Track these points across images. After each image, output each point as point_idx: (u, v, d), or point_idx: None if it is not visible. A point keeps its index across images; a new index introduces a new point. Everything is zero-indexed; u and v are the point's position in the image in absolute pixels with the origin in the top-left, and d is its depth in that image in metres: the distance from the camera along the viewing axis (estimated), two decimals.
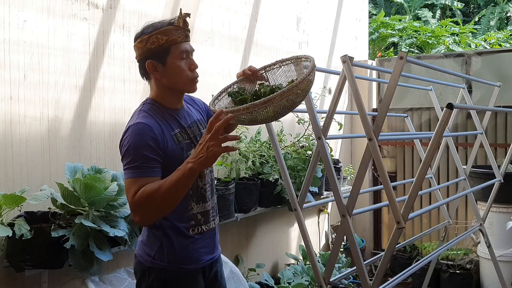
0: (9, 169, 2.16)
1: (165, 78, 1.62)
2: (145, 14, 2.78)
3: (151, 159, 1.52)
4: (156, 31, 1.58)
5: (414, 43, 9.31)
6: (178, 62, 1.60)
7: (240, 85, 1.72)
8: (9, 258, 2.03)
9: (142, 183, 1.48)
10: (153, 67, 1.60)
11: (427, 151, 1.64)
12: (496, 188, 3.06)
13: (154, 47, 1.58)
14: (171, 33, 1.58)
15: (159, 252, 1.63)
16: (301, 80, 1.44)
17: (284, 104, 1.45)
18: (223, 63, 3.37)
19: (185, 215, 1.65)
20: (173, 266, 1.64)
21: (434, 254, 2.68)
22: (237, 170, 3.19)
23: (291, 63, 1.69)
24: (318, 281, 1.99)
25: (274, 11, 3.85)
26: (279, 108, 1.44)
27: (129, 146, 1.52)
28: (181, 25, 1.60)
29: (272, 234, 3.83)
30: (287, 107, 1.47)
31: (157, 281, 1.63)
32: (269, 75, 1.72)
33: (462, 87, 3.11)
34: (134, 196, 1.47)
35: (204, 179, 1.70)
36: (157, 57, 1.59)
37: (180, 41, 1.60)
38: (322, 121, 1.92)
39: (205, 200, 1.71)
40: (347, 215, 1.81)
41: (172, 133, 1.62)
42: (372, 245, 4.98)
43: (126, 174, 1.53)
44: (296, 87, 1.43)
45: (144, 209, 1.47)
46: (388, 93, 1.70)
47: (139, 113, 1.62)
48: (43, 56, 2.29)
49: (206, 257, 1.72)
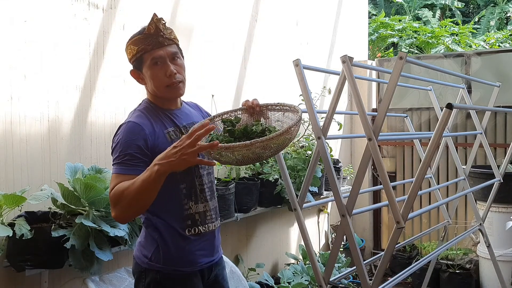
0: (9, 169, 2.17)
1: (147, 85, 1.66)
2: (145, 14, 2.78)
3: (136, 157, 1.53)
4: (129, 42, 1.63)
5: (414, 43, 9.31)
6: (151, 71, 1.61)
7: (237, 114, 1.73)
8: (10, 258, 2.03)
9: (122, 180, 1.49)
10: (136, 75, 1.67)
11: (426, 151, 1.65)
12: (495, 188, 3.07)
13: (130, 57, 1.65)
14: (140, 42, 1.60)
15: (155, 254, 1.63)
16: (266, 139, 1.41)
17: (249, 155, 1.43)
18: (223, 63, 3.37)
19: (181, 214, 1.64)
20: (169, 268, 1.63)
21: (434, 254, 2.68)
22: (237, 170, 3.20)
23: (289, 111, 1.68)
24: (318, 280, 1.99)
25: (274, 11, 3.85)
26: (241, 157, 1.43)
27: (118, 143, 1.56)
28: (151, 32, 1.60)
29: (272, 234, 3.83)
30: (251, 158, 1.45)
31: (153, 283, 1.63)
32: (269, 115, 1.73)
33: (461, 87, 3.11)
34: (111, 191, 1.50)
35: (201, 179, 1.69)
36: (135, 66, 1.66)
37: (150, 49, 1.60)
38: (322, 121, 1.93)
39: (203, 201, 1.69)
40: (347, 215, 1.81)
41: (165, 131, 1.63)
42: (371, 245, 4.98)
43: (112, 170, 1.56)
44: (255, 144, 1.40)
45: (117, 205, 1.47)
46: (388, 93, 1.70)
47: (134, 112, 1.65)
48: (43, 56, 2.29)
49: (204, 260, 1.69)
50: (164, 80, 1.61)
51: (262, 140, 1.40)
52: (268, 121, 1.72)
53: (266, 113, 1.72)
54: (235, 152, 1.41)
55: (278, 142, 1.45)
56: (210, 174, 1.76)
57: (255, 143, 1.40)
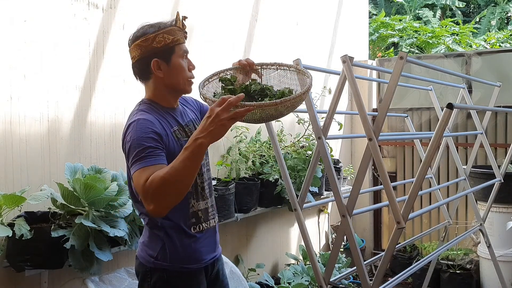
0: (9, 169, 2.16)
1: (168, 76, 1.64)
2: (145, 14, 2.78)
3: (155, 148, 1.51)
4: (162, 31, 1.61)
5: (414, 43, 9.31)
6: (181, 61, 1.65)
7: (233, 73, 1.73)
8: (9, 258, 2.02)
9: (150, 172, 1.44)
10: (158, 66, 1.62)
11: (427, 151, 1.64)
12: (496, 188, 3.06)
13: (161, 45, 1.61)
14: (175, 33, 1.63)
15: (161, 253, 1.63)
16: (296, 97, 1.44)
17: (272, 113, 1.45)
18: (223, 63, 3.36)
19: (186, 212, 1.65)
20: (175, 266, 1.63)
21: (434, 254, 2.68)
22: (237, 170, 3.19)
23: (288, 70, 1.69)
24: (318, 281, 1.98)
25: (274, 11, 3.85)
26: (265, 115, 1.45)
27: (132, 142, 1.52)
28: (181, 27, 1.66)
29: (272, 234, 3.83)
30: (273, 115, 1.48)
31: (160, 281, 1.63)
32: (264, 73, 1.73)
33: (462, 87, 3.11)
34: (145, 184, 1.42)
35: (202, 176, 1.71)
36: (163, 56, 1.62)
37: (182, 41, 1.66)
38: (322, 121, 1.92)
39: (204, 198, 1.71)
40: (347, 215, 1.80)
41: (171, 130, 1.63)
42: (372, 245, 4.98)
43: (133, 169, 1.49)
44: (289, 101, 1.43)
45: (157, 195, 1.41)
46: (388, 93, 1.70)
47: (137, 112, 1.62)
48: (43, 56, 2.29)
49: (208, 256, 1.72)
50: (187, 73, 1.67)
51: (290, 98, 1.43)
52: (261, 80, 1.73)
53: (260, 72, 1.73)
54: (266, 110, 1.43)
55: (298, 100, 1.48)
56: (209, 170, 1.77)
57: (285, 101, 1.42)
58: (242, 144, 3.28)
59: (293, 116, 3.73)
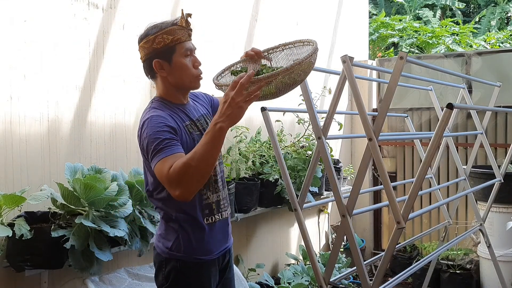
0: (9, 169, 2.16)
1: (171, 76, 1.68)
2: (145, 14, 2.78)
3: (171, 139, 1.56)
4: (162, 31, 1.65)
5: (414, 43, 9.31)
6: (183, 60, 1.67)
7: (243, 65, 1.76)
8: (9, 258, 2.02)
9: (171, 161, 1.49)
10: (160, 66, 1.67)
11: (427, 151, 1.64)
12: (496, 188, 3.06)
13: (160, 46, 1.65)
14: (175, 33, 1.65)
15: (175, 244, 1.70)
16: (304, 59, 1.48)
17: (286, 81, 1.48)
18: (223, 63, 3.36)
19: (200, 204, 1.71)
20: (189, 257, 1.70)
21: (434, 254, 2.68)
22: (237, 170, 3.19)
23: (293, 47, 1.73)
24: (318, 281, 1.98)
25: (274, 11, 3.85)
26: (281, 84, 1.48)
27: (149, 137, 1.56)
28: (183, 25, 1.67)
29: (272, 234, 3.83)
30: (288, 84, 1.50)
31: (174, 271, 1.70)
32: (272, 57, 1.75)
33: (462, 87, 3.10)
34: (168, 172, 1.47)
35: (215, 169, 1.76)
36: (164, 56, 1.66)
37: (184, 40, 1.68)
38: (322, 121, 1.92)
39: (217, 190, 1.77)
40: (347, 215, 1.80)
41: (184, 124, 1.69)
42: (372, 245, 4.98)
43: (153, 162, 1.54)
44: (299, 65, 1.47)
45: (182, 180, 1.46)
46: (388, 93, 1.70)
47: (150, 109, 1.68)
48: (43, 56, 2.29)
49: (220, 247, 1.79)
50: (193, 70, 1.70)
51: (299, 61, 1.46)
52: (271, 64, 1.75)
53: (268, 57, 1.76)
54: (278, 78, 1.45)
55: (307, 63, 1.52)
56: (221, 164, 1.83)
57: (294, 66, 1.46)
58: (242, 144, 3.28)
59: (293, 116, 3.73)
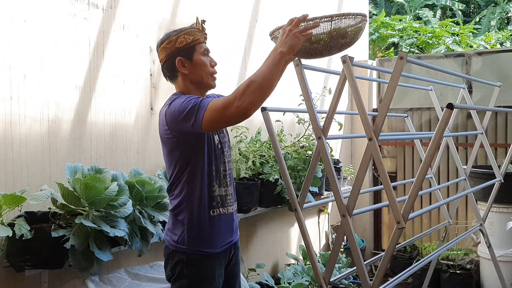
0: (9, 169, 2.16)
1: (192, 73, 1.85)
2: (145, 14, 2.78)
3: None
4: (182, 32, 1.85)
5: (415, 43, 9.31)
6: (202, 58, 1.86)
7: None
8: (9, 258, 2.02)
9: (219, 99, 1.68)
10: (182, 64, 1.85)
11: (427, 151, 1.64)
12: (496, 188, 3.06)
13: (182, 45, 1.84)
14: (195, 34, 1.86)
15: (182, 237, 1.81)
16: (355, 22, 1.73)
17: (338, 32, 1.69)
18: (223, 63, 3.36)
19: (209, 195, 1.81)
20: (194, 250, 1.79)
21: (434, 254, 2.68)
22: (237, 170, 3.19)
23: (342, 18, 1.84)
24: (318, 281, 1.98)
25: (274, 11, 3.85)
26: (334, 32, 1.69)
27: (181, 104, 1.70)
28: (200, 29, 1.89)
29: (272, 234, 3.83)
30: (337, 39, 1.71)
31: (180, 263, 1.80)
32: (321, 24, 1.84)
33: (462, 87, 3.10)
34: (228, 96, 1.63)
35: (225, 165, 1.88)
36: (185, 54, 1.84)
37: (202, 41, 1.88)
38: (322, 121, 1.92)
39: (225, 185, 1.87)
40: (347, 215, 1.80)
41: None
42: (372, 245, 4.98)
43: (200, 113, 1.65)
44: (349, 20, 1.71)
45: (246, 93, 1.60)
46: (388, 93, 1.69)
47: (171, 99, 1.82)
48: (43, 56, 2.29)
49: (225, 241, 1.88)
50: (210, 69, 1.89)
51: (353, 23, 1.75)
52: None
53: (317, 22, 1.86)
54: (332, 24, 1.69)
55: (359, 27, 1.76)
56: (230, 162, 1.95)
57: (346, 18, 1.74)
58: (242, 144, 3.28)
59: (293, 116, 3.73)
